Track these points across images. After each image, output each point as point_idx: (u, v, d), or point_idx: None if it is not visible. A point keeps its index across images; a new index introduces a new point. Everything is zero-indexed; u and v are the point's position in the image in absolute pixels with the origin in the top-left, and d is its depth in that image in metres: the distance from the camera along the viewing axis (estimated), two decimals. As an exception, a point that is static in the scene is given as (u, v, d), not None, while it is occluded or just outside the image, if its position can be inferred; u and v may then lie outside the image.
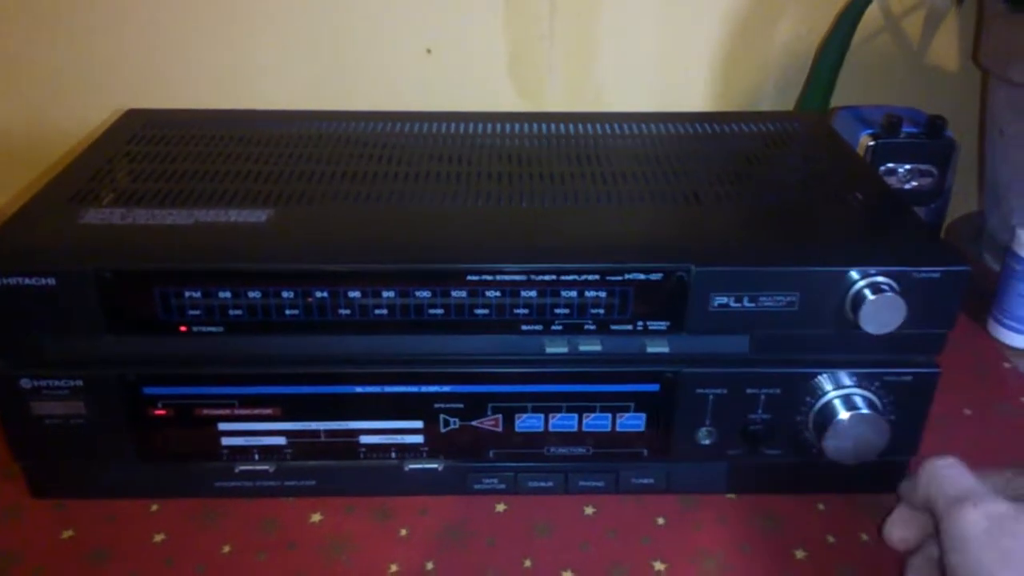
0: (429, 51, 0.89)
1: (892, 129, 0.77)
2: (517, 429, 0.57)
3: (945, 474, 0.50)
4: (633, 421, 0.56)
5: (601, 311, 0.53)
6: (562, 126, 0.73)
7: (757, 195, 0.61)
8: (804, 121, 0.76)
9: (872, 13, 0.88)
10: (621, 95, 0.93)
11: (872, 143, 0.77)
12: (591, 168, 0.65)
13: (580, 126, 0.74)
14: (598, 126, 0.74)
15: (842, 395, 0.55)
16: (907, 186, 0.79)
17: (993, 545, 0.45)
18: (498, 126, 0.73)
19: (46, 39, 0.86)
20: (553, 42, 0.89)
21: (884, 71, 0.93)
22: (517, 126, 0.73)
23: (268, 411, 0.56)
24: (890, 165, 0.78)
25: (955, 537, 0.46)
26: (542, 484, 0.59)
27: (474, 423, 0.56)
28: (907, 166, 0.78)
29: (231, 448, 0.57)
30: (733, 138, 0.72)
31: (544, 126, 0.73)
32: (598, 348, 0.54)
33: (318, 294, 0.52)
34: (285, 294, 0.52)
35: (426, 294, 0.52)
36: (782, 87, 0.93)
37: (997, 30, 0.78)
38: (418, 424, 0.56)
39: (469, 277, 0.52)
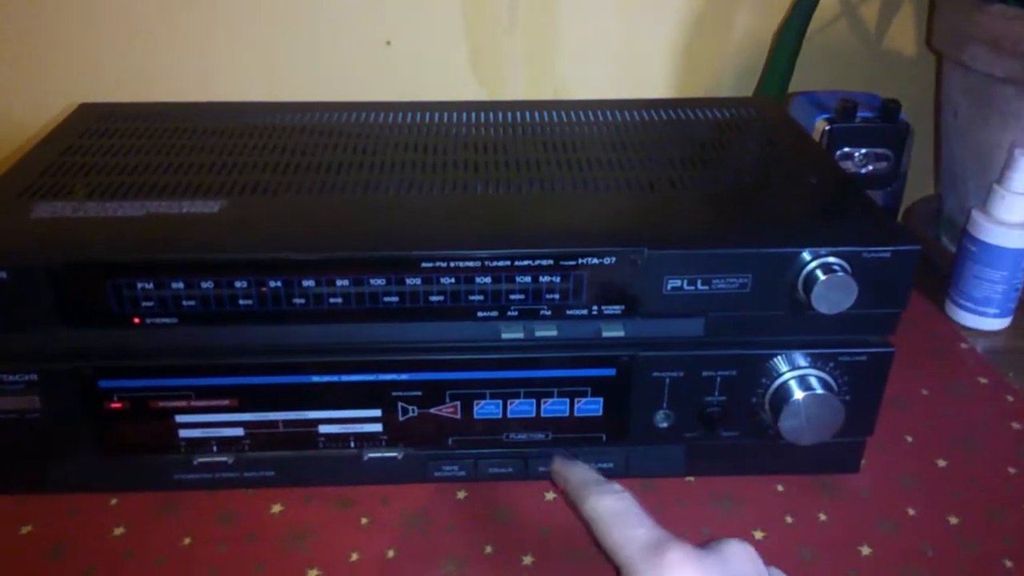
0: (389, 43, 0.89)
1: (847, 114, 0.78)
2: (476, 416, 0.57)
3: None
4: (591, 406, 0.57)
5: (556, 296, 0.53)
6: (524, 114, 0.73)
7: (712, 179, 0.62)
8: (761, 107, 0.76)
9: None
10: (582, 84, 0.93)
11: (828, 128, 0.78)
12: (551, 155, 0.65)
13: (542, 114, 0.74)
14: (560, 114, 0.74)
15: (797, 376, 0.55)
16: (863, 170, 0.79)
17: None
18: (460, 115, 0.73)
19: (5, 33, 0.85)
20: (514, 33, 0.89)
21: (841, 57, 0.94)
22: (479, 115, 0.73)
23: (225, 402, 0.55)
24: (846, 149, 0.79)
25: None
26: (502, 470, 0.59)
27: (432, 410, 0.56)
28: (863, 150, 0.79)
29: (189, 440, 0.57)
30: (691, 124, 0.72)
31: (506, 114, 0.73)
32: (554, 333, 0.54)
33: (272, 283, 0.52)
34: (238, 284, 0.51)
35: (381, 282, 0.52)
36: (741, 74, 0.94)
37: (949, 14, 0.79)
38: (376, 412, 0.56)
39: (423, 264, 0.52)
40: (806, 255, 0.52)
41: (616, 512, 0.47)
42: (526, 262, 0.52)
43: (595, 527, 0.47)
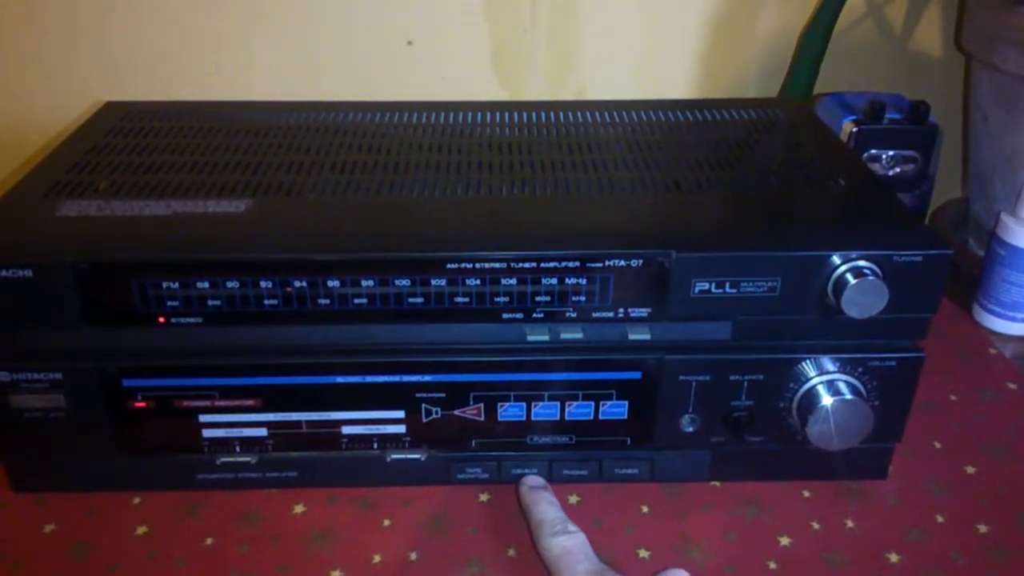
0: (410, 43, 0.88)
1: (875, 115, 0.77)
2: (500, 418, 0.56)
3: None
4: (616, 409, 0.56)
5: (582, 298, 0.53)
6: (546, 114, 0.73)
7: (739, 181, 0.61)
8: (787, 108, 0.75)
9: None
10: (604, 85, 0.92)
11: (855, 129, 0.77)
12: (574, 156, 0.65)
13: (564, 114, 0.73)
14: (582, 114, 0.73)
15: (825, 381, 0.55)
16: (891, 172, 0.79)
17: None
18: (482, 115, 0.73)
19: (30, 31, 0.85)
20: (536, 33, 0.89)
21: (868, 57, 0.93)
22: (501, 115, 0.73)
23: (249, 402, 0.55)
24: (873, 151, 0.78)
25: None
26: (525, 472, 0.59)
27: (456, 412, 0.56)
28: (890, 152, 0.78)
29: (212, 440, 0.57)
30: (716, 125, 0.72)
31: (528, 115, 0.73)
32: (579, 336, 0.54)
33: (297, 283, 0.51)
34: (264, 284, 0.51)
35: (406, 283, 0.52)
36: (766, 75, 0.93)
37: (980, 15, 0.78)
38: (400, 414, 0.56)
39: (449, 265, 0.51)
40: (836, 258, 0.52)
41: (565, 550, 0.52)
42: (552, 264, 0.52)
43: (547, 562, 0.52)
